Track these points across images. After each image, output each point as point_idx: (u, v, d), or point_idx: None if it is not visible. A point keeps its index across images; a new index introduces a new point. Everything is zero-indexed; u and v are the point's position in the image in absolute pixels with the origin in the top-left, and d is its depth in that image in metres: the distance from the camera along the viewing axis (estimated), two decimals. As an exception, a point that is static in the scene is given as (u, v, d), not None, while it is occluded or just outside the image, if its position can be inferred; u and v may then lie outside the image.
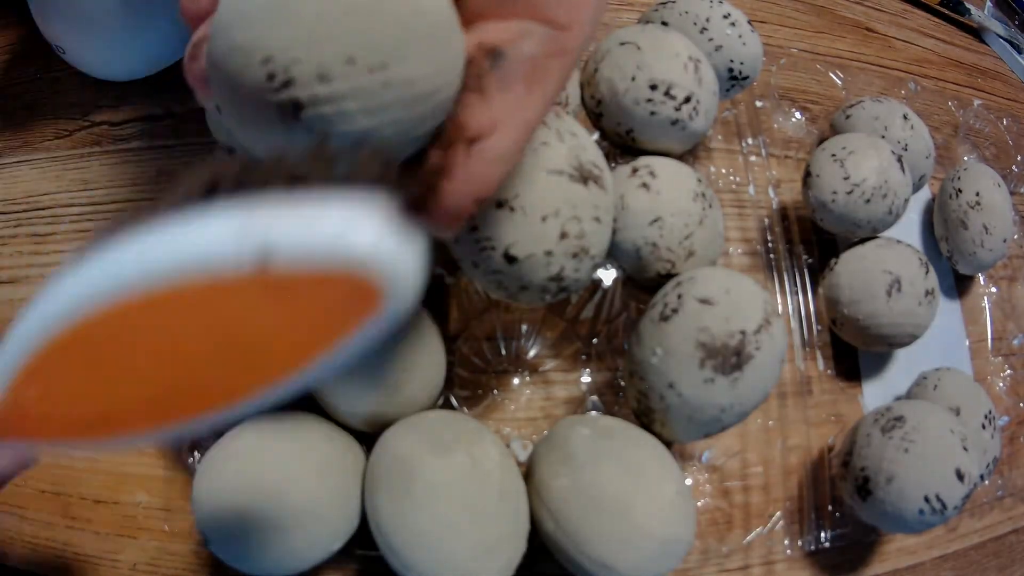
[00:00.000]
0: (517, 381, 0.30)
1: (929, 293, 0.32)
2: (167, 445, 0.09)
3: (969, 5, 0.48)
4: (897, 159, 0.32)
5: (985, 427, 0.31)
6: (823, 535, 0.30)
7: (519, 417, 0.30)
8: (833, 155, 0.32)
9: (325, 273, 0.08)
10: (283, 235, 0.08)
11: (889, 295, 0.31)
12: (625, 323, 0.31)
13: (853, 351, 0.35)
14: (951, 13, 0.48)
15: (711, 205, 0.28)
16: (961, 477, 0.26)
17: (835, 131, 0.37)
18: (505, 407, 0.30)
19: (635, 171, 0.27)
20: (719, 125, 0.35)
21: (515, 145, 0.15)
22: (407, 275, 0.09)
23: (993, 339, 0.38)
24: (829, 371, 0.33)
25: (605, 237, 0.22)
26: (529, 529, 0.23)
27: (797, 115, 0.39)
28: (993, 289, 0.39)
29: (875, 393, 0.35)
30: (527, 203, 0.20)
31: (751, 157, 0.35)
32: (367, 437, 0.25)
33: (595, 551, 0.22)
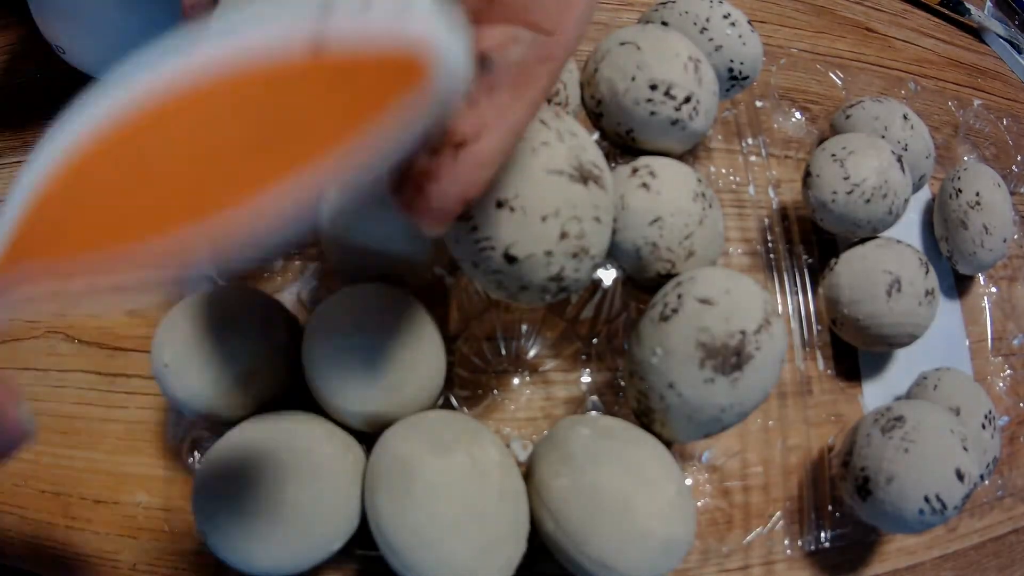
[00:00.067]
0: (517, 381, 0.30)
1: (929, 293, 0.32)
2: (199, 270, 0.09)
3: (969, 5, 0.48)
4: (897, 159, 0.32)
5: (985, 427, 0.31)
6: (823, 535, 0.30)
7: (519, 417, 0.30)
8: (833, 155, 0.32)
9: (378, 53, 0.08)
10: (338, 17, 0.08)
11: (889, 295, 0.31)
12: (625, 323, 0.31)
13: (853, 351, 0.35)
14: (951, 13, 0.48)
15: (711, 205, 0.28)
16: (961, 477, 0.26)
17: (835, 131, 0.37)
18: (505, 407, 0.30)
19: (635, 171, 0.27)
20: (719, 125, 0.35)
21: (501, 149, 0.15)
22: (456, 54, 0.09)
23: (993, 339, 0.38)
24: (829, 371, 0.33)
25: (605, 237, 0.22)
26: (529, 529, 0.23)
27: (797, 115, 0.39)
28: (993, 289, 0.39)
29: (875, 393, 0.35)
30: (527, 203, 0.20)
31: (751, 157, 0.35)
32: (367, 437, 0.25)
33: (595, 551, 0.22)
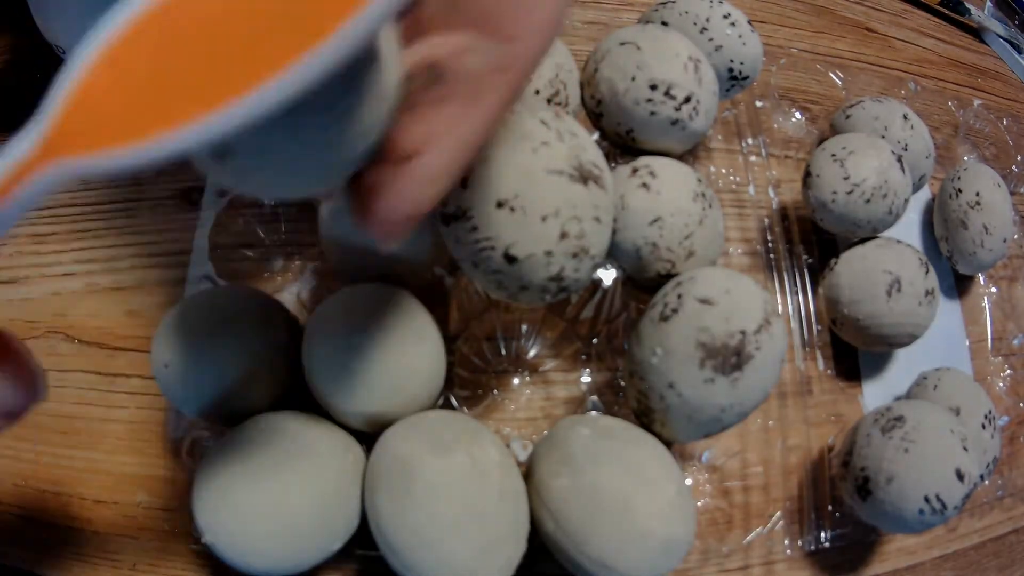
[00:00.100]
0: (517, 381, 0.30)
1: (929, 293, 0.32)
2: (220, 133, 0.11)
3: (969, 5, 0.48)
4: (897, 159, 0.32)
5: (985, 427, 0.31)
6: (823, 535, 0.30)
7: (519, 417, 0.30)
8: (833, 155, 0.32)
9: None
10: None
11: (889, 295, 0.31)
12: (625, 323, 0.31)
13: (853, 351, 0.35)
14: (951, 13, 0.48)
15: (711, 205, 0.28)
16: (961, 477, 0.26)
17: (835, 131, 0.37)
18: (505, 407, 0.30)
19: (635, 171, 0.27)
20: (719, 125, 0.36)
21: (449, 164, 0.14)
22: None
23: (993, 339, 0.38)
24: (829, 371, 0.33)
25: (605, 237, 0.22)
26: (529, 529, 0.23)
27: (797, 115, 0.39)
28: (993, 289, 0.39)
29: (875, 393, 0.35)
30: (527, 203, 0.20)
31: (751, 157, 0.35)
32: (367, 437, 0.25)
33: (595, 551, 0.22)
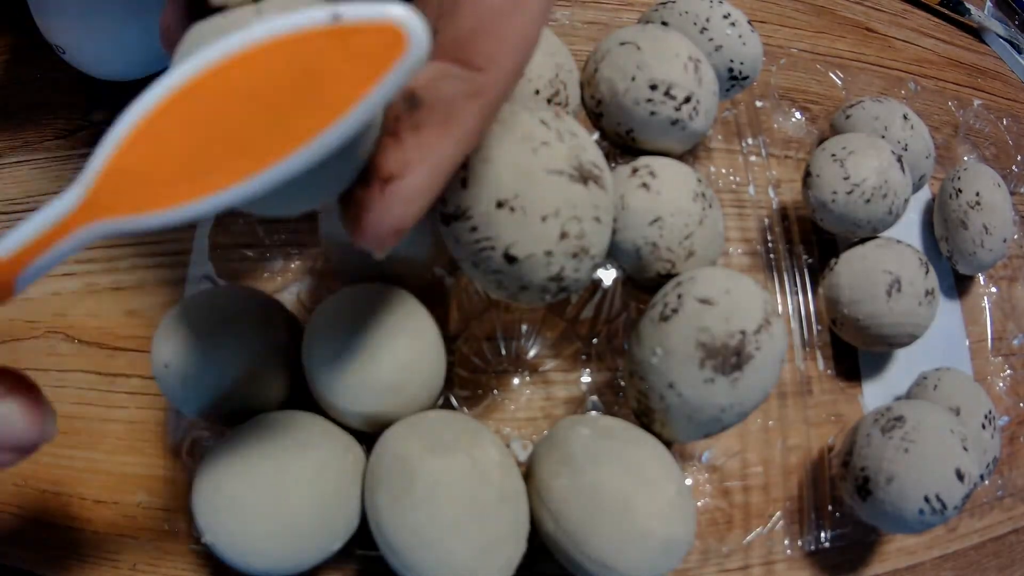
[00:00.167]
0: (517, 381, 0.30)
1: (929, 293, 0.32)
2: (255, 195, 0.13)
3: (969, 5, 0.48)
4: (897, 159, 0.32)
5: (985, 427, 0.31)
6: (823, 535, 0.30)
7: (519, 417, 0.30)
8: (833, 155, 0.32)
9: (373, 27, 0.12)
10: (345, 7, 0.12)
11: (889, 295, 0.31)
12: (625, 323, 0.31)
13: (853, 351, 0.35)
14: (951, 13, 0.48)
15: (711, 205, 0.28)
16: (961, 477, 0.26)
17: (835, 131, 0.37)
18: (505, 407, 0.30)
19: (635, 171, 0.27)
20: (719, 125, 0.35)
21: (428, 184, 0.16)
22: (421, 29, 0.12)
23: (993, 339, 0.38)
24: (829, 371, 0.33)
25: (605, 237, 0.22)
26: (529, 529, 0.23)
27: (797, 115, 0.39)
28: (993, 289, 0.39)
29: (875, 393, 0.35)
30: (527, 203, 0.20)
31: (751, 157, 0.35)
32: (367, 437, 0.25)
33: (595, 551, 0.22)
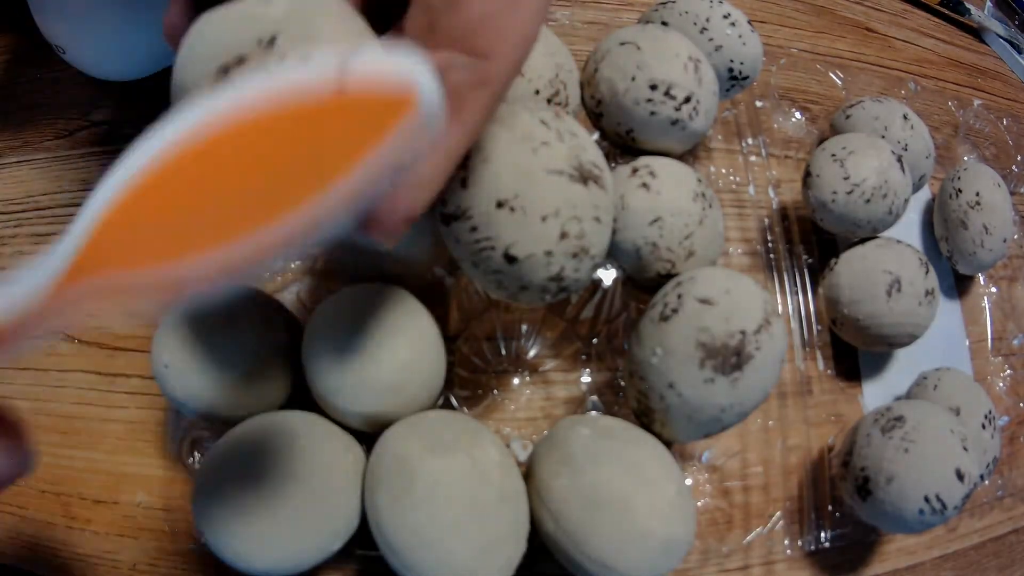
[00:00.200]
0: (517, 381, 0.30)
1: (929, 293, 0.32)
2: (248, 275, 0.11)
3: (969, 5, 0.48)
4: (897, 159, 0.32)
5: (985, 427, 0.31)
6: (823, 535, 0.30)
7: (519, 417, 0.30)
8: (833, 155, 0.32)
9: (380, 87, 0.11)
10: (355, 59, 0.11)
11: (889, 295, 0.31)
12: (625, 323, 0.31)
13: (853, 351, 0.35)
14: (951, 13, 0.48)
15: (711, 205, 0.28)
16: (961, 477, 0.26)
17: (835, 131, 0.37)
18: (505, 407, 0.30)
19: (635, 171, 0.27)
20: (719, 125, 0.35)
21: (437, 174, 0.16)
22: (434, 90, 0.11)
23: (993, 339, 0.38)
24: (829, 371, 0.33)
25: (605, 237, 0.22)
26: (529, 529, 0.23)
27: (797, 115, 0.39)
28: (993, 289, 0.39)
29: (875, 393, 0.35)
30: (527, 203, 0.20)
31: (751, 157, 0.35)
32: (367, 437, 0.25)
33: (595, 551, 0.22)
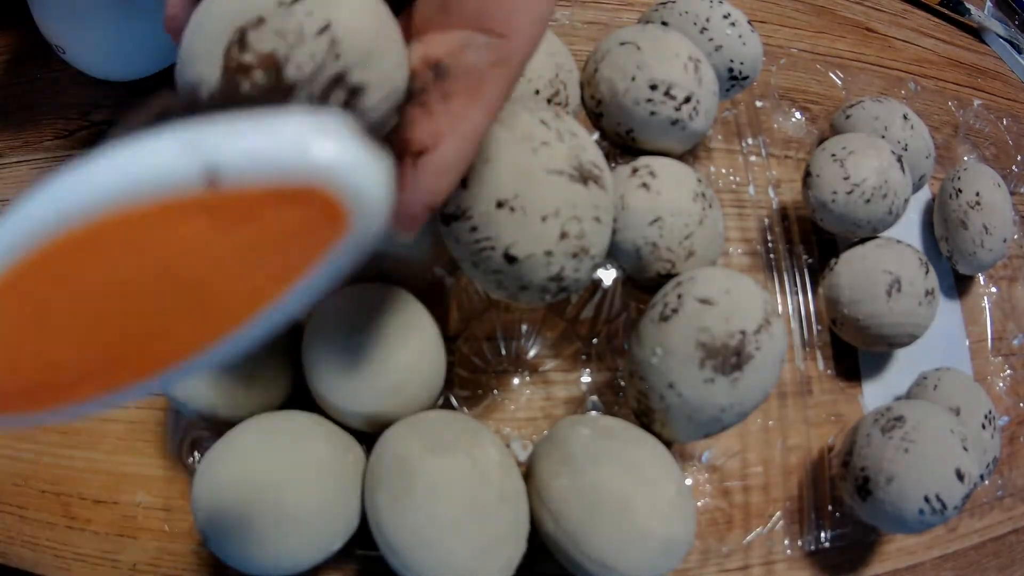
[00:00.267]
0: (517, 381, 0.30)
1: (929, 293, 0.32)
2: (130, 400, 0.08)
3: (969, 5, 0.48)
4: (897, 159, 0.32)
5: (985, 427, 0.31)
6: (823, 535, 0.30)
7: (519, 417, 0.30)
8: (833, 155, 0.32)
9: (281, 189, 0.07)
10: (232, 147, 0.07)
11: (889, 295, 0.31)
12: (625, 323, 0.31)
13: (853, 351, 0.35)
14: (951, 13, 0.48)
15: (711, 205, 0.28)
16: (961, 477, 0.26)
17: (835, 131, 0.37)
18: (505, 407, 0.30)
19: (635, 171, 0.27)
20: (719, 125, 0.35)
21: (460, 156, 0.16)
22: (374, 189, 0.08)
23: (993, 339, 0.38)
24: (829, 371, 0.33)
25: (605, 237, 0.22)
26: (529, 529, 0.23)
27: (797, 115, 0.39)
28: (993, 289, 0.39)
29: (875, 393, 0.35)
30: (527, 203, 0.20)
31: (751, 157, 0.35)
32: (367, 437, 0.25)
33: (595, 551, 0.22)
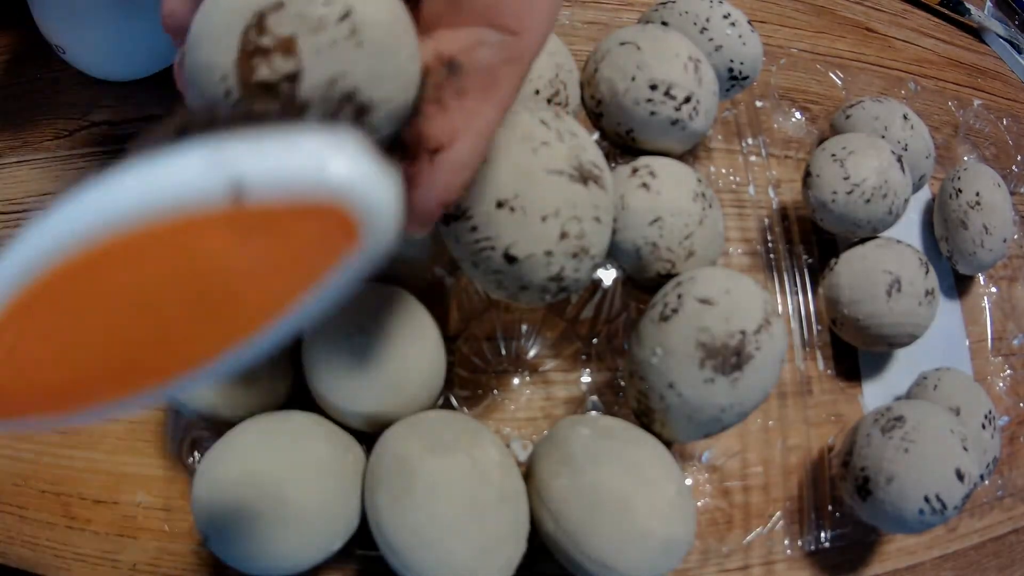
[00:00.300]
0: (517, 381, 0.30)
1: (929, 293, 0.32)
2: (143, 407, 0.08)
3: (969, 5, 0.48)
4: (897, 159, 0.32)
5: (985, 427, 0.31)
6: (823, 535, 0.30)
7: (519, 417, 0.30)
8: (833, 155, 0.32)
9: (301, 205, 0.08)
10: (256, 165, 0.08)
11: (889, 295, 0.31)
12: (625, 323, 0.31)
13: (853, 351, 0.35)
14: (951, 13, 0.48)
15: (711, 205, 0.28)
16: (961, 477, 0.26)
17: (835, 131, 0.37)
18: (505, 407, 0.30)
19: (635, 171, 0.27)
20: (719, 125, 0.35)
21: (475, 153, 0.16)
22: (385, 206, 0.08)
23: (993, 339, 0.38)
24: (829, 371, 0.33)
25: (605, 237, 0.22)
26: (529, 529, 0.23)
27: (797, 115, 0.39)
28: (993, 289, 0.39)
29: (875, 393, 0.35)
30: (527, 203, 0.20)
31: (751, 157, 0.35)
32: (367, 437, 0.25)
33: (595, 551, 0.22)
